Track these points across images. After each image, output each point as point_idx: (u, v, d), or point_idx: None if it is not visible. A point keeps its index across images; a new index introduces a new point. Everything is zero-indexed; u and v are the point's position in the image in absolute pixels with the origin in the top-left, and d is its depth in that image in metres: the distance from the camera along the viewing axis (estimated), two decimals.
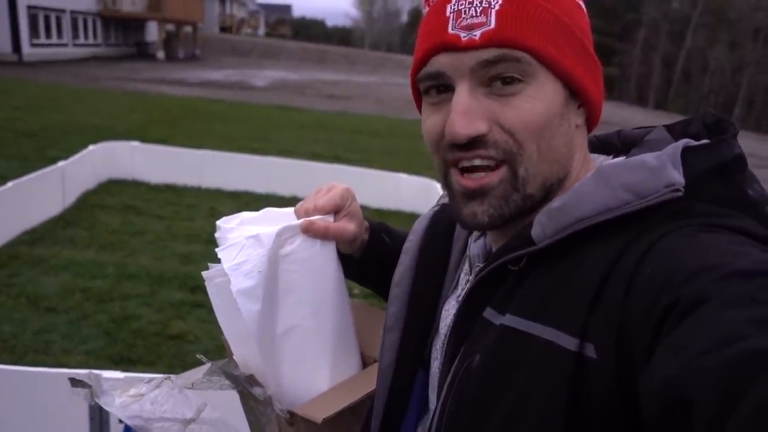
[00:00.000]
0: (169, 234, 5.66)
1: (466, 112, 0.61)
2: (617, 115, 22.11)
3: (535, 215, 0.62)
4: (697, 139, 0.61)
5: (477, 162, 0.62)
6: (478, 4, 0.61)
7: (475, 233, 0.77)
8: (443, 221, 0.83)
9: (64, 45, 23.50)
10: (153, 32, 29.38)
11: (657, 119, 27.21)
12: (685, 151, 0.58)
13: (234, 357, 0.87)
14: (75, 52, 24.06)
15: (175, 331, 3.87)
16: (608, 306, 0.52)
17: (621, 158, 0.66)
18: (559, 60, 0.61)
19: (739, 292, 0.44)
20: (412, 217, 6.55)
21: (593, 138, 0.74)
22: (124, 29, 28.24)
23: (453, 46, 0.61)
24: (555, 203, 0.60)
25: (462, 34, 0.61)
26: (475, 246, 0.75)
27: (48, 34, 22.42)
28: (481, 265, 0.70)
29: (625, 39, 48.65)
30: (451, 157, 0.64)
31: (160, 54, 27.31)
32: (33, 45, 21.32)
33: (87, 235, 5.41)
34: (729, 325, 0.42)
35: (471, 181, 0.63)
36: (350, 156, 9.67)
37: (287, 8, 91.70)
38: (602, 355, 0.51)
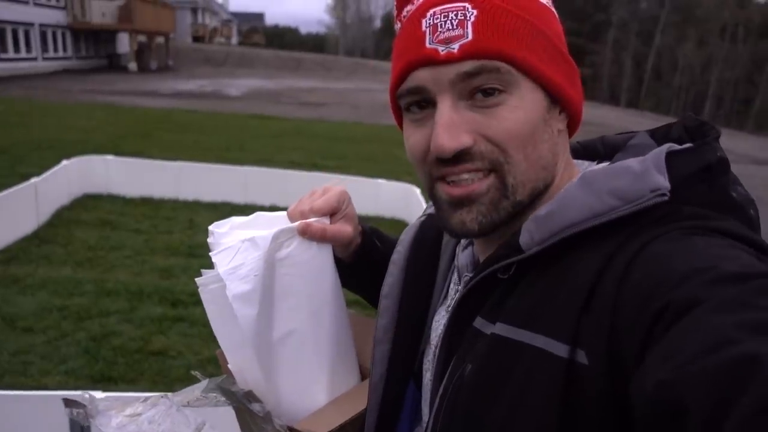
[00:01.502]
0: (148, 248, 5.59)
1: (450, 126, 0.60)
2: (590, 114, 22.39)
3: (520, 222, 0.62)
4: (679, 142, 0.62)
5: (465, 176, 0.63)
6: (454, 17, 0.60)
7: (463, 243, 0.77)
8: (431, 231, 0.83)
9: (34, 59, 23.15)
10: (124, 44, 29.09)
11: (629, 117, 27.67)
12: (669, 155, 0.59)
13: (229, 366, 0.85)
14: (45, 65, 23.71)
15: (156, 346, 3.82)
16: (598, 311, 0.52)
17: (605, 164, 0.67)
18: (539, 67, 0.62)
19: (728, 296, 0.45)
20: (393, 222, 6.56)
21: (576, 144, 0.75)
22: (94, 41, 27.91)
23: (432, 61, 0.61)
24: (542, 210, 0.60)
25: (440, 48, 0.60)
26: (463, 256, 0.75)
27: (16, 48, 22.07)
28: (470, 275, 0.70)
29: (596, 39, 49.37)
30: (437, 172, 0.64)
31: (132, 66, 27.02)
32: (1, 60, 20.97)
33: (63, 252, 5.32)
34: (719, 329, 0.42)
35: (459, 189, 0.63)
36: (328, 163, 9.65)
37: (260, 16, 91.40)
38: (593, 361, 0.51)
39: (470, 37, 0.59)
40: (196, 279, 0.82)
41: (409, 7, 0.67)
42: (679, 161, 0.59)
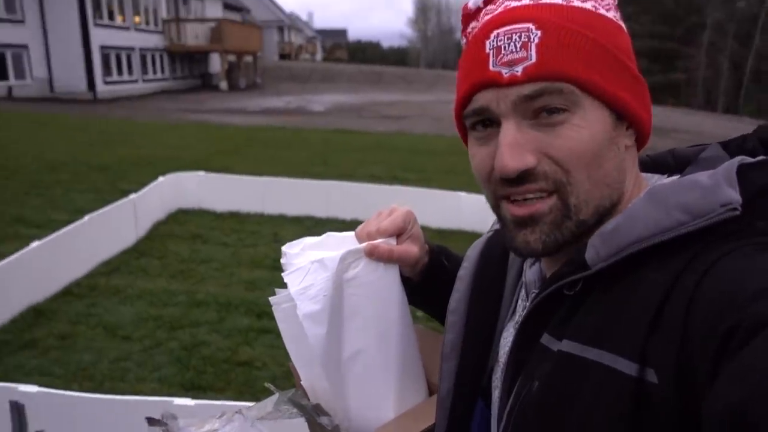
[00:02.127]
0: (235, 261, 5.83)
1: (514, 146, 0.61)
2: (684, 121, 21.34)
3: (586, 238, 0.62)
4: (753, 154, 0.60)
5: (528, 196, 0.63)
6: (518, 39, 0.60)
7: (530, 259, 0.77)
8: (497, 247, 0.83)
9: (134, 81, 24.71)
10: (216, 64, 30.52)
11: (727, 123, 26.09)
12: (741, 168, 0.57)
13: (301, 383, 0.89)
14: (144, 87, 25.25)
15: (243, 357, 3.97)
16: (668, 329, 0.51)
17: (674, 178, 0.66)
18: (603, 86, 0.61)
19: None
20: (474, 236, 6.49)
21: (646, 157, 0.73)
22: (189, 62, 29.46)
23: (495, 83, 0.61)
24: (608, 225, 0.60)
25: (504, 71, 0.61)
26: (531, 272, 0.75)
27: (119, 72, 23.65)
28: (537, 291, 0.70)
29: (689, 43, 47.02)
30: (501, 191, 0.64)
31: (223, 84, 28.29)
32: (106, 83, 22.52)
33: (158, 264, 5.64)
34: None
35: (522, 209, 0.63)
36: (408, 176, 9.72)
37: (343, 33, 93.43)
38: (664, 380, 0.51)
39: (534, 59, 0.60)
40: (270, 298, 0.86)
41: (474, 24, 0.68)
42: (751, 174, 0.57)
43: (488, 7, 0.67)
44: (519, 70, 0.60)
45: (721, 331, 0.47)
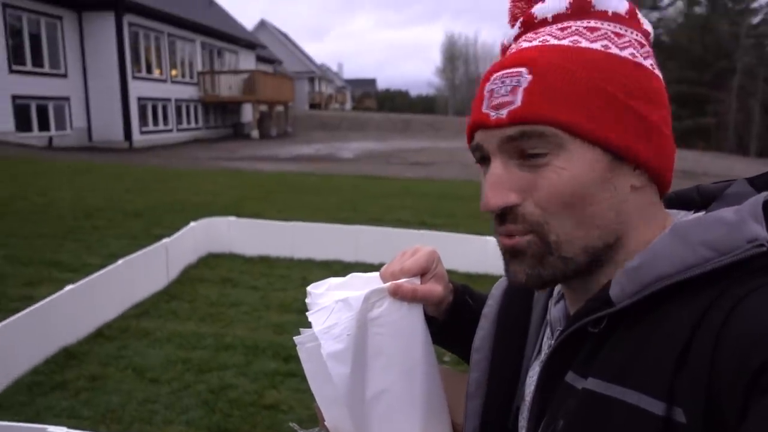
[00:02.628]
0: (263, 305, 5.85)
1: (497, 184, 0.64)
2: (715, 165, 21.05)
3: (597, 275, 0.63)
4: None
5: (510, 233, 0.66)
6: (509, 83, 0.64)
7: (555, 296, 0.77)
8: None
9: (170, 130, 25.47)
10: (248, 113, 31.35)
11: (759, 167, 25.59)
12: (767, 204, 0.57)
13: (326, 423, 0.89)
14: (179, 136, 26.00)
15: (269, 401, 3.95)
16: (695, 367, 0.51)
17: (699, 214, 0.65)
18: (590, 128, 0.61)
19: None
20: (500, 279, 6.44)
21: (671, 194, 0.73)
22: (222, 112, 30.31)
23: (484, 125, 0.66)
24: (633, 262, 0.60)
25: (492, 114, 0.64)
26: (556, 310, 0.75)
27: (155, 122, 24.43)
28: (561, 329, 0.70)
29: (719, 87, 46.76)
30: (495, 227, 0.68)
31: (255, 133, 28.98)
32: (142, 132, 23.27)
33: (188, 307, 5.69)
34: None
35: (507, 241, 0.66)
36: (436, 221, 9.72)
37: (372, 82, 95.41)
38: (692, 419, 0.50)
39: (518, 103, 0.62)
40: (294, 338, 0.86)
41: (487, 67, 0.71)
42: None
43: (512, 46, 0.71)
44: (504, 113, 0.63)
45: (751, 368, 0.46)
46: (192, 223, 7.20)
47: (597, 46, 0.64)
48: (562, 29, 0.66)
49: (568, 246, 0.63)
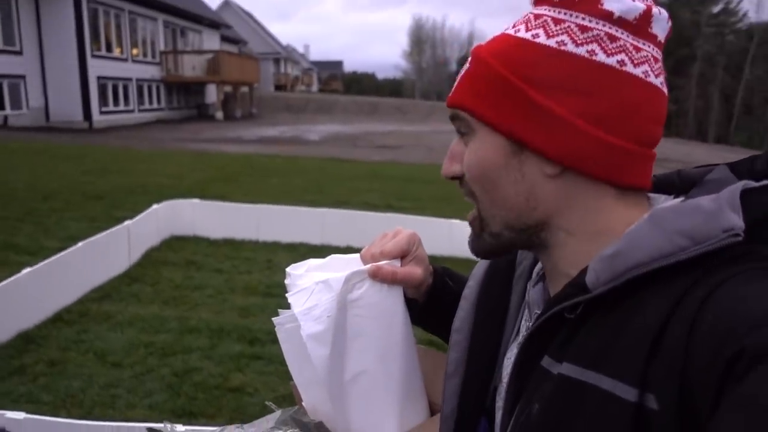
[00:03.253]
0: (228, 287, 5.80)
1: (449, 155, 0.72)
2: (675, 151, 21.55)
3: (554, 255, 0.67)
4: (761, 177, 0.60)
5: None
6: (463, 71, 0.70)
7: (534, 278, 0.78)
8: (502, 266, 0.84)
9: (131, 111, 24.87)
10: (212, 94, 30.80)
11: (718, 153, 26.38)
12: (745, 192, 0.57)
13: (303, 404, 0.89)
14: (141, 117, 25.41)
15: (234, 383, 3.92)
16: (669, 354, 0.51)
17: (676, 201, 0.64)
18: (489, 115, 0.66)
19: None
20: (466, 262, 6.50)
21: (653, 178, 0.72)
22: (185, 93, 29.70)
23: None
24: (609, 250, 0.59)
25: (450, 95, 0.71)
26: (534, 291, 0.76)
27: (116, 102, 23.81)
28: (539, 313, 0.70)
29: (679, 74, 47.78)
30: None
31: (219, 114, 28.51)
32: (102, 112, 22.66)
33: (151, 290, 5.60)
34: None
35: (469, 213, 0.73)
36: (403, 204, 9.74)
37: (339, 64, 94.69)
38: (664, 406, 0.50)
39: (453, 88, 0.71)
40: (273, 318, 0.86)
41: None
42: (755, 199, 0.56)
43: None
44: (450, 96, 0.71)
45: (723, 358, 0.46)
46: (155, 205, 7.07)
47: (526, 35, 0.64)
48: (536, 17, 0.66)
49: (492, 221, 0.70)
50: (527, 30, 0.65)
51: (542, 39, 0.63)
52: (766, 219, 0.56)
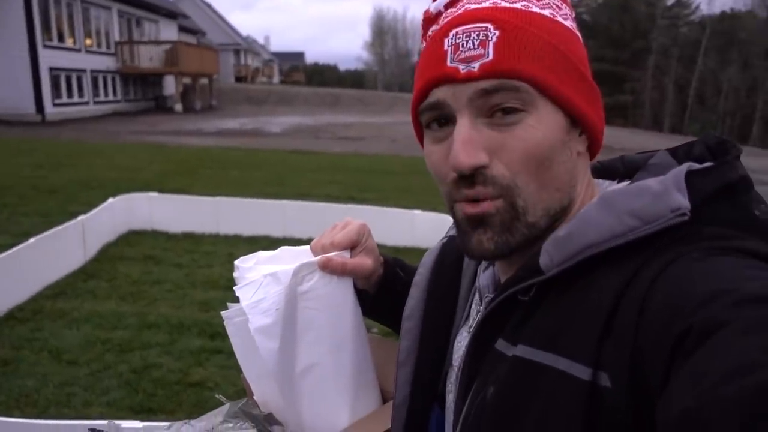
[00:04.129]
0: (188, 282, 5.71)
1: (468, 142, 0.61)
2: (632, 141, 22.02)
3: (540, 244, 0.62)
4: (700, 161, 0.62)
5: (479, 197, 0.63)
6: (476, 37, 0.61)
7: (484, 264, 0.78)
8: (452, 253, 0.84)
9: (85, 103, 24.16)
10: (170, 86, 30.12)
11: (673, 142, 26.88)
12: (689, 174, 0.58)
13: (254, 398, 0.88)
14: (96, 109, 24.71)
15: (195, 378, 3.88)
16: (620, 333, 0.52)
17: (624, 183, 0.67)
18: (559, 89, 0.62)
19: (752, 318, 0.44)
20: None
21: (597, 164, 0.74)
22: (142, 84, 28.98)
23: (452, 78, 0.62)
24: (561, 231, 0.60)
25: (461, 67, 0.61)
26: (484, 276, 0.76)
27: (69, 94, 23.09)
28: (491, 296, 0.70)
29: (636, 66, 48.81)
30: (456, 193, 0.65)
31: (178, 106, 27.93)
32: (55, 105, 21.95)
33: (108, 286, 5.49)
34: (744, 353, 0.42)
35: (475, 208, 0.63)
36: (365, 195, 9.73)
37: (300, 56, 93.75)
38: (616, 384, 0.51)
39: (491, 56, 0.60)
40: (221, 312, 0.85)
41: (434, 27, 0.68)
42: (699, 180, 0.58)
43: (449, 11, 0.67)
44: (476, 66, 0.60)
45: (672, 336, 0.47)
46: (111, 199, 6.91)
47: (546, 12, 0.64)
48: None
49: (533, 210, 0.63)
50: (541, 8, 0.64)
51: (560, 19, 0.65)
52: (709, 199, 0.58)
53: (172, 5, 35.08)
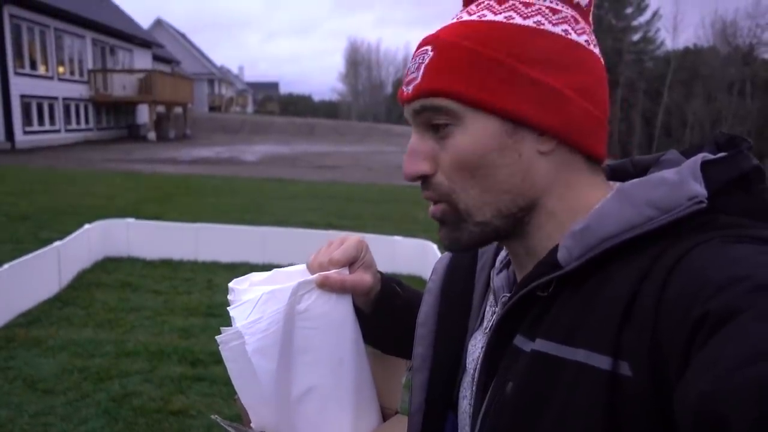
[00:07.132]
0: (167, 309, 5.60)
1: (411, 154, 0.68)
2: None
3: (536, 237, 0.66)
4: (713, 154, 0.62)
5: (429, 200, 0.69)
6: (419, 61, 0.67)
7: (497, 266, 0.78)
8: (465, 258, 0.84)
9: (57, 131, 23.84)
10: (144, 114, 29.93)
11: None
12: (704, 164, 0.59)
13: (252, 425, 0.84)
14: (67, 137, 24.39)
15: (176, 406, 3.77)
16: (639, 322, 0.52)
17: (638, 179, 0.67)
18: (482, 98, 0.63)
19: (767, 304, 0.44)
20: (409, 278, 6.52)
21: (605, 167, 0.75)
22: (115, 113, 28.73)
23: (400, 99, 0.70)
24: (579, 225, 0.61)
25: (405, 89, 0.69)
26: (499, 278, 0.76)
27: (41, 121, 22.77)
28: (508, 295, 0.70)
29: None
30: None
31: (152, 135, 27.72)
32: (26, 132, 21.61)
33: (84, 313, 5.34)
34: (761, 339, 0.42)
35: (432, 209, 0.69)
36: (343, 222, 9.71)
37: (275, 86, 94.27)
38: (637, 373, 0.51)
39: (419, 79, 0.66)
40: (216, 337, 0.82)
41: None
42: (714, 170, 0.59)
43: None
44: (410, 88, 0.67)
45: (689, 323, 0.47)
46: (86, 225, 6.77)
47: (499, 18, 0.65)
48: (499, 2, 0.66)
49: (478, 212, 0.66)
50: (495, 14, 0.65)
51: (518, 20, 0.65)
52: (726, 187, 0.59)
53: (147, 34, 35.09)
